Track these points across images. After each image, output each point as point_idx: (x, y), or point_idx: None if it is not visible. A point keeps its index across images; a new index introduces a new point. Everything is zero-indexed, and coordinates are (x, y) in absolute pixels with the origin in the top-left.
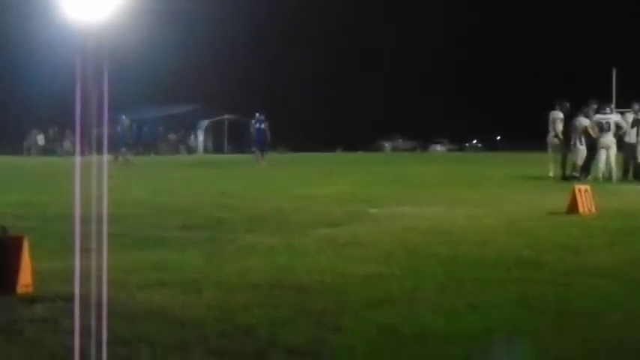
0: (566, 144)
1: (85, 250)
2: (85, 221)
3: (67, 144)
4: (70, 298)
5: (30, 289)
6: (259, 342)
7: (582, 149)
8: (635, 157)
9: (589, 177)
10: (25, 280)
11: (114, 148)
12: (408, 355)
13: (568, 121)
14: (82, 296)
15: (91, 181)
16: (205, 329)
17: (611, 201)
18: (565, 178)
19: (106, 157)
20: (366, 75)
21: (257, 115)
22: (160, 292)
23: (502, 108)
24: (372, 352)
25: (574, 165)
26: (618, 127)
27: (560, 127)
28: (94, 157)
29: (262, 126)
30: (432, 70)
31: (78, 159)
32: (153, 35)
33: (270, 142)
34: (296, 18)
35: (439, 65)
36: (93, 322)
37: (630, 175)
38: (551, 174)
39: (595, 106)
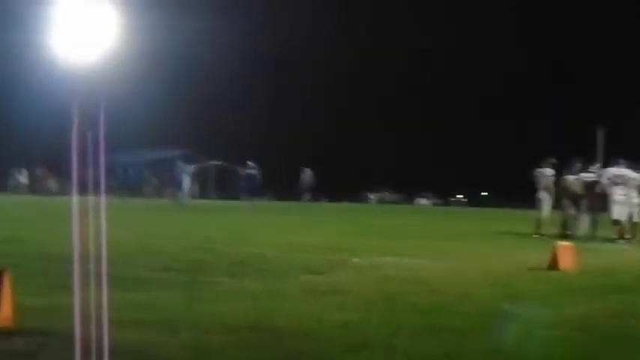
0: (557, 202)
1: (68, 288)
2: (71, 260)
3: (51, 183)
4: (48, 333)
5: (9, 323)
6: None
7: (569, 207)
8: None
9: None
10: (4, 314)
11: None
12: None
13: (556, 179)
14: (64, 332)
15: (80, 221)
16: None
17: (592, 259)
18: (565, 236)
19: (103, 198)
20: (351, 127)
21: (248, 163)
22: (137, 331)
23: (489, 164)
24: None
25: (564, 223)
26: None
27: (549, 184)
28: (90, 199)
29: (252, 172)
30: (418, 124)
31: (75, 199)
32: (140, 80)
33: (259, 189)
34: (284, 68)
35: (425, 119)
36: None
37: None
38: (543, 231)
39: (579, 165)
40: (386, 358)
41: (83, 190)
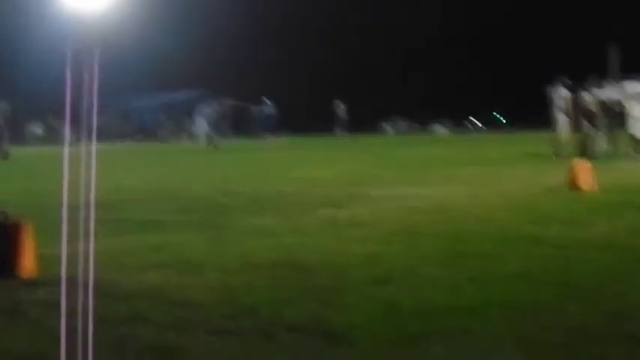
0: (573, 122)
1: (79, 235)
2: (80, 207)
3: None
4: (72, 282)
5: (33, 274)
6: (261, 321)
7: (586, 126)
8: None
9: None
10: (28, 264)
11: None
12: (409, 330)
13: (571, 98)
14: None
15: (86, 168)
16: (207, 309)
17: (612, 177)
18: (583, 155)
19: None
20: (365, 58)
21: (264, 100)
22: (160, 274)
23: (502, 86)
24: (374, 327)
25: (581, 142)
26: (619, 103)
27: (565, 103)
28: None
29: (270, 111)
30: (431, 51)
31: (66, 148)
32: (152, 22)
33: (276, 127)
34: (296, 4)
35: (438, 46)
36: (92, 303)
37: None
38: (561, 151)
39: (595, 83)
40: (412, 287)
41: (90, 136)
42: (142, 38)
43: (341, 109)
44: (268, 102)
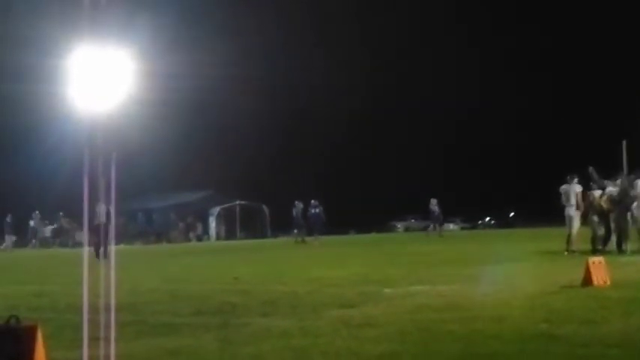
0: (585, 217)
1: (97, 339)
2: (97, 310)
3: (78, 235)
4: None
5: None
6: None
7: (598, 221)
8: None
9: (604, 249)
10: None
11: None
12: None
13: (582, 194)
14: None
15: (101, 270)
16: None
17: (625, 272)
18: (595, 251)
19: (113, 247)
20: (377, 155)
21: (312, 201)
22: None
23: (514, 185)
24: None
25: (594, 238)
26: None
27: (580, 199)
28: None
29: (317, 211)
30: (443, 150)
31: (86, 249)
32: (161, 123)
33: (315, 225)
34: (304, 103)
35: (450, 145)
36: None
37: None
38: (573, 248)
39: (605, 179)
40: None
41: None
42: (152, 139)
43: (435, 205)
44: (315, 203)
